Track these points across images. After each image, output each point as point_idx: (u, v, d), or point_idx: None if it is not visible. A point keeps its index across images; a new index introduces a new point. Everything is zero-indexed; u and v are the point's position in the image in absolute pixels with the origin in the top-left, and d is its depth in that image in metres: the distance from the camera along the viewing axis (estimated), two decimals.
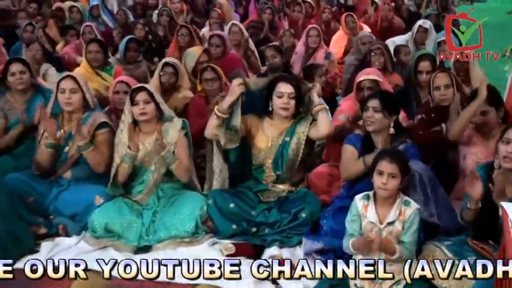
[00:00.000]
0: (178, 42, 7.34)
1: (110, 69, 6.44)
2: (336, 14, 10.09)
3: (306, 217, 4.15)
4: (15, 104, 5.17)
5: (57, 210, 4.42)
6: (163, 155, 4.32)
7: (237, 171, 4.55)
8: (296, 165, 4.42)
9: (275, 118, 4.44)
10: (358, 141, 4.14)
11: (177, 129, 4.48)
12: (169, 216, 4.24)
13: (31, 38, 7.73)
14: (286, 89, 4.33)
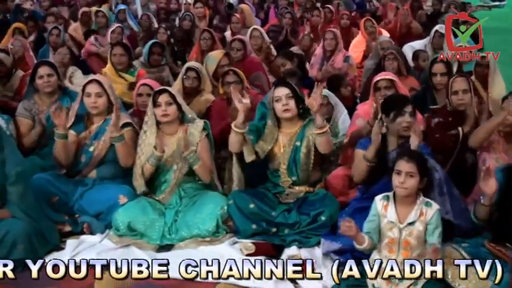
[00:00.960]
0: (200, 46, 7.42)
1: (133, 72, 6.53)
2: (356, 19, 10.12)
3: (325, 220, 4.19)
4: (43, 106, 5.29)
5: (82, 209, 4.51)
6: (186, 154, 4.41)
7: (256, 173, 4.61)
8: (310, 168, 4.46)
9: (283, 124, 4.49)
10: (369, 144, 4.14)
11: (199, 130, 4.57)
12: (191, 215, 4.32)
13: (57, 42, 7.84)
14: (282, 92, 4.39)
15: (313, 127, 4.39)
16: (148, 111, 4.58)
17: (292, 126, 4.47)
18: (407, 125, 4.06)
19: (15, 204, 4.02)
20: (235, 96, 4.34)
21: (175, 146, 4.53)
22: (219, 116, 5.37)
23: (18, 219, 3.97)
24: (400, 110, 4.09)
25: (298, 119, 4.48)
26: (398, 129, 4.09)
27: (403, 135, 4.08)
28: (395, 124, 4.09)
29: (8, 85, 6.35)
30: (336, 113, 5.39)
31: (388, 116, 4.12)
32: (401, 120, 4.07)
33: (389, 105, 4.17)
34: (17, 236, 3.86)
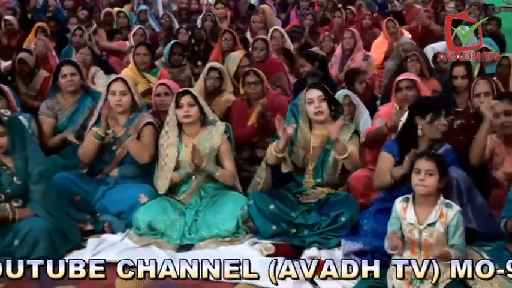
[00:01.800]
0: (221, 46, 7.42)
1: (155, 72, 6.54)
2: (377, 20, 10.07)
3: (345, 221, 4.18)
4: (65, 105, 5.34)
5: (103, 208, 4.54)
6: (203, 168, 4.43)
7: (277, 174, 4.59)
8: (337, 172, 4.44)
9: (314, 126, 4.48)
10: (396, 147, 4.11)
11: (220, 132, 4.57)
12: (211, 215, 4.33)
13: (80, 42, 7.89)
14: (315, 94, 4.38)
15: (346, 132, 4.38)
16: (170, 112, 4.60)
17: (324, 129, 4.42)
18: (443, 128, 4.01)
19: (38, 202, 4.06)
20: (279, 126, 4.29)
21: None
22: (240, 116, 5.39)
23: (40, 218, 4.00)
24: (438, 112, 4.02)
25: (330, 121, 4.42)
26: (435, 132, 4.02)
27: (437, 138, 4.03)
28: (432, 127, 4.02)
29: (31, 85, 6.43)
30: (358, 113, 5.39)
31: (424, 118, 4.04)
32: (439, 123, 4.00)
33: (426, 107, 4.10)
34: (39, 234, 3.89)
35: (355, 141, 4.42)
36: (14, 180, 4.11)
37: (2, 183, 4.10)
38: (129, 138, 4.53)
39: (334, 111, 4.45)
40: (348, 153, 4.23)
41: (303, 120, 4.45)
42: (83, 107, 5.31)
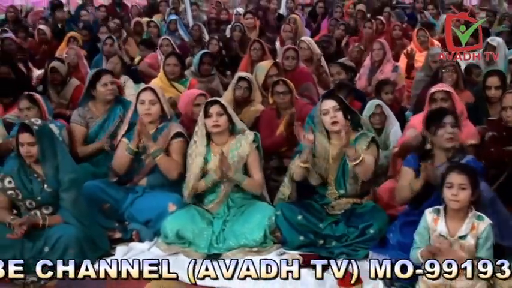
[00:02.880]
0: (250, 56, 7.44)
1: (185, 81, 6.57)
2: (407, 31, 10.01)
3: (373, 233, 4.15)
4: (97, 113, 5.39)
5: (132, 216, 4.57)
6: (231, 177, 4.42)
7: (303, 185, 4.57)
8: (359, 182, 4.38)
9: (332, 136, 4.43)
10: (416, 161, 4.08)
11: (249, 141, 4.57)
12: (239, 225, 4.33)
13: (111, 51, 7.97)
14: (329, 104, 4.34)
15: (362, 141, 4.35)
16: (199, 122, 4.61)
17: (341, 138, 4.37)
18: (449, 136, 3.98)
19: (68, 210, 4.11)
20: (299, 134, 4.32)
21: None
22: (268, 126, 5.38)
23: (70, 225, 4.05)
24: (440, 121, 4.02)
25: (347, 131, 4.37)
26: (441, 142, 4.00)
27: (448, 148, 4.00)
28: (437, 137, 4.01)
29: (62, 93, 6.50)
30: (388, 124, 5.34)
31: (429, 130, 4.06)
32: (443, 132, 3.99)
33: (430, 119, 4.12)
34: (69, 241, 3.94)
35: (372, 151, 4.36)
36: (44, 187, 4.16)
37: (33, 190, 4.17)
38: (159, 156, 4.56)
39: (351, 120, 4.42)
40: (360, 159, 4.15)
41: (320, 131, 4.41)
42: (114, 115, 5.37)
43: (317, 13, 12.17)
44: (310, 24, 11.68)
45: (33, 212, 4.18)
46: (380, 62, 7.57)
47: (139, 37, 9.72)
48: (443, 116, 4.06)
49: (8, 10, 11.35)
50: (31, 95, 5.20)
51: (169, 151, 4.69)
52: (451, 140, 3.99)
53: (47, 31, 9.14)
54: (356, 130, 4.45)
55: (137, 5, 13.21)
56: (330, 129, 4.38)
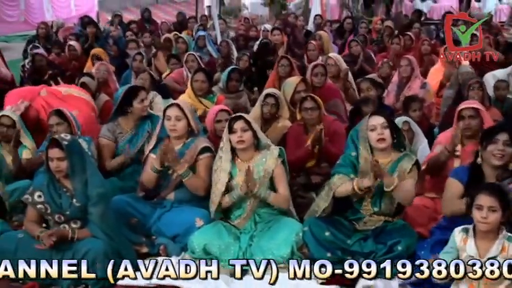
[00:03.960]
0: (278, 72, 7.47)
1: (212, 97, 6.63)
2: (436, 47, 9.96)
3: (401, 250, 4.09)
4: (126, 128, 5.44)
5: (159, 231, 4.59)
6: (255, 193, 4.40)
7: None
8: (394, 202, 4.31)
9: (375, 153, 4.34)
10: (465, 174, 4.04)
11: (274, 156, 4.55)
12: (266, 240, 4.31)
13: (140, 67, 8.05)
14: (378, 121, 4.28)
15: (406, 163, 4.27)
16: (224, 138, 4.61)
17: (385, 156, 4.33)
18: (498, 153, 3.94)
19: (96, 224, 4.13)
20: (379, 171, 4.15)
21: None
22: (296, 142, 5.38)
23: (98, 239, 4.07)
24: (492, 137, 3.98)
25: (391, 150, 4.35)
26: (490, 158, 3.97)
27: (496, 166, 3.96)
28: (487, 153, 3.98)
29: None
30: (416, 141, 5.31)
31: (482, 145, 4.02)
32: (493, 148, 3.96)
33: (484, 134, 4.08)
34: (97, 255, 3.96)
35: (413, 175, 4.27)
36: (73, 202, 4.20)
37: (62, 205, 4.21)
38: (188, 177, 4.58)
39: (396, 139, 4.37)
40: (394, 185, 4.09)
41: (364, 147, 4.35)
42: (143, 130, 5.42)
43: (345, 29, 12.18)
44: (337, 41, 11.70)
45: (62, 226, 4.21)
46: (408, 78, 7.52)
47: (168, 53, 9.80)
48: (498, 133, 4.01)
49: (39, 26, 11.56)
50: (60, 110, 5.27)
51: (196, 167, 4.70)
52: (501, 157, 3.95)
53: (77, 47, 9.27)
54: (399, 150, 4.38)
55: (167, 22, 13.38)
56: (376, 146, 4.31)
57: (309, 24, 13.77)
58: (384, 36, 10.96)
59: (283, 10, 18.20)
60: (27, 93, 6.17)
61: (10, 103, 5.95)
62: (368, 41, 10.52)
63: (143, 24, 13.55)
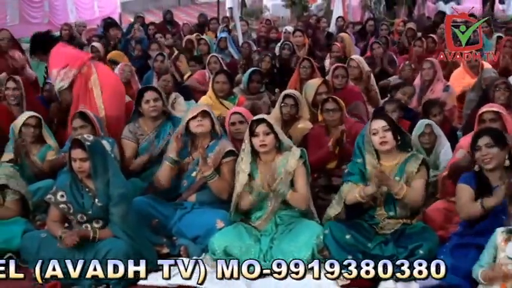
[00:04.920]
0: (300, 74, 7.47)
1: (233, 98, 6.63)
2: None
3: (423, 254, 4.05)
4: (147, 129, 5.47)
5: (180, 232, 4.60)
6: (273, 189, 4.40)
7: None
8: (408, 206, 4.30)
9: (381, 157, 4.38)
10: (473, 179, 4.05)
11: (296, 157, 4.53)
12: (286, 243, 4.31)
13: (162, 68, 8.08)
14: (379, 124, 4.30)
15: (413, 163, 4.29)
16: (246, 139, 4.61)
17: (391, 159, 4.35)
18: (484, 158, 3.99)
19: (117, 224, 4.16)
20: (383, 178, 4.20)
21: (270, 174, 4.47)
22: (317, 143, 5.38)
23: (119, 239, 4.10)
24: (474, 145, 4.05)
25: (397, 152, 4.37)
26: (481, 164, 4.02)
27: (490, 169, 4.00)
28: (478, 161, 4.04)
29: None
30: (439, 144, 5.27)
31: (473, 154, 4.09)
32: (478, 155, 4.02)
33: (471, 143, 4.14)
34: (118, 255, 3.98)
35: (422, 174, 4.29)
36: (95, 202, 4.23)
37: (84, 205, 4.24)
38: (213, 179, 4.60)
39: (401, 141, 4.37)
40: (403, 193, 4.13)
41: (369, 151, 4.36)
42: (164, 132, 5.43)
43: (366, 31, 12.14)
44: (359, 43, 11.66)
45: (84, 225, 4.25)
46: (431, 81, 7.45)
47: (190, 54, 9.86)
48: (479, 137, 4.07)
49: (63, 28, 11.66)
50: (83, 113, 5.31)
51: (220, 169, 4.71)
52: (489, 161, 3.97)
53: (100, 48, 9.33)
54: (406, 151, 4.40)
55: (188, 23, 13.44)
56: (379, 149, 4.34)
57: (330, 26, 13.74)
58: (406, 38, 10.90)
59: (304, 12, 18.17)
60: (74, 59, 5.97)
61: (55, 65, 5.93)
62: (390, 43, 10.46)
63: (165, 26, 13.62)
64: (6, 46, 8.11)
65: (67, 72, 5.82)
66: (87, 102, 5.75)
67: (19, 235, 4.35)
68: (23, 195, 4.67)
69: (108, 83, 5.88)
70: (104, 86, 5.80)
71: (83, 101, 5.79)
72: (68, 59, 5.87)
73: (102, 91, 5.77)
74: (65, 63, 5.83)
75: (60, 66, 5.84)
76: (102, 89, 5.77)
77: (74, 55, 6.01)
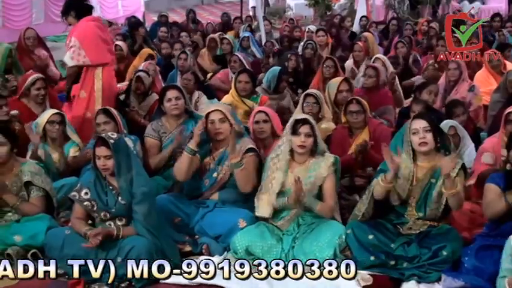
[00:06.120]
0: (322, 73, 7.46)
1: (256, 98, 6.64)
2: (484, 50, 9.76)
3: (446, 255, 4.03)
4: (170, 128, 5.51)
5: (202, 231, 4.61)
6: (303, 202, 4.39)
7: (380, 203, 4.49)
8: (441, 207, 4.25)
9: (419, 157, 4.32)
10: (501, 179, 4.01)
11: (329, 164, 4.51)
12: (308, 242, 4.29)
13: (184, 66, 8.10)
14: (420, 124, 4.25)
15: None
16: (284, 137, 4.58)
17: (428, 160, 4.29)
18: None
19: (140, 222, 4.17)
20: (386, 156, 4.19)
21: (300, 176, 4.44)
22: (340, 145, 5.36)
23: (142, 237, 4.11)
24: (510, 145, 4.01)
25: (435, 154, 4.30)
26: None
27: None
28: (511, 157, 3.99)
29: (143, 104, 6.72)
30: (463, 145, 5.23)
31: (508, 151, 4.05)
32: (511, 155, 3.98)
33: (507, 140, 4.09)
34: (141, 252, 3.99)
35: (461, 178, 4.23)
36: (119, 200, 4.26)
37: (108, 202, 4.28)
38: (240, 167, 4.58)
39: (440, 143, 4.32)
40: (456, 190, 4.05)
41: (407, 150, 4.31)
42: (186, 130, 5.44)
43: (390, 31, 12.09)
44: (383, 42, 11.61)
45: (107, 223, 4.28)
46: (456, 81, 7.37)
47: (213, 53, 9.87)
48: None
49: None
50: (107, 109, 5.35)
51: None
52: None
53: (124, 47, 9.38)
54: (444, 153, 4.32)
55: (212, 22, 13.47)
56: (418, 150, 4.28)
57: (354, 26, 13.69)
58: (429, 38, 10.82)
59: (328, 11, 18.12)
60: (96, 56, 6.18)
61: (80, 38, 6.04)
62: (414, 42, 10.39)
63: (188, 24, 13.67)
64: (32, 45, 8.24)
65: (82, 55, 6.01)
66: (88, 91, 6.02)
67: (43, 231, 4.37)
68: (47, 192, 4.70)
69: (108, 81, 6.12)
70: (105, 83, 6.05)
71: (85, 88, 6.04)
72: (92, 51, 6.04)
73: (103, 85, 6.02)
74: (87, 49, 6.00)
75: (80, 45, 6.00)
76: (103, 84, 6.03)
77: (99, 52, 6.13)
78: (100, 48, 6.13)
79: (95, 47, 6.05)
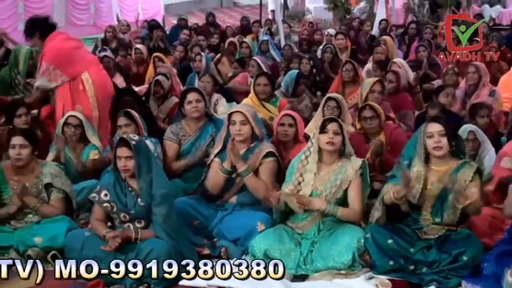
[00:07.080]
0: (342, 77, 7.44)
1: (275, 101, 6.63)
2: (506, 53, 9.70)
3: (467, 260, 3.99)
4: (189, 131, 5.51)
5: (221, 233, 4.61)
6: (326, 212, 4.37)
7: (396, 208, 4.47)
8: (458, 213, 4.19)
9: (433, 161, 4.29)
10: None
11: (356, 168, 4.47)
12: (327, 246, 4.28)
13: (200, 66, 8.15)
14: (435, 128, 4.21)
15: (467, 172, 4.18)
16: (313, 137, 4.56)
17: (442, 165, 4.26)
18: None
19: (159, 224, 4.18)
20: (398, 169, 4.20)
21: (326, 178, 4.47)
22: (357, 151, 5.28)
23: (161, 240, 4.12)
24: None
25: (450, 158, 4.27)
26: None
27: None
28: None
29: (162, 107, 6.75)
30: (482, 150, 5.18)
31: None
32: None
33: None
34: (159, 255, 3.99)
35: (477, 183, 4.16)
36: (138, 202, 4.27)
37: (128, 204, 4.29)
38: (248, 175, 4.59)
39: (455, 147, 4.28)
40: (468, 201, 3.98)
41: (420, 154, 4.29)
42: (206, 133, 5.47)
43: (409, 34, 12.03)
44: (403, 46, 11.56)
45: (126, 225, 4.30)
46: (475, 85, 7.32)
47: (232, 57, 9.90)
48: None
49: (107, 30, 11.82)
50: (128, 112, 5.38)
51: (259, 170, 4.70)
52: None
53: (143, 50, 9.43)
54: (458, 157, 4.29)
55: (231, 26, 13.50)
56: (432, 153, 4.25)
57: (373, 29, 13.64)
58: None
59: (347, 14, 18.08)
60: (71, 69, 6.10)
61: (52, 61, 5.98)
62: (434, 46, 10.34)
63: (208, 28, 13.71)
64: None
65: (59, 75, 5.98)
66: (82, 102, 5.96)
67: (63, 233, 4.39)
68: (67, 194, 4.74)
69: (100, 82, 6.09)
70: (97, 86, 6.02)
71: (78, 101, 5.97)
72: (66, 66, 6.00)
73: (96, 91, 5.99)
74: (61, 67, 5.97)
75: (53, 67, 5.98)
76: (95, 89, 5.99)
77: (75, 63, 6.08)
78: (74, 59, 6.09)
79: (68, 62, 6.02)
